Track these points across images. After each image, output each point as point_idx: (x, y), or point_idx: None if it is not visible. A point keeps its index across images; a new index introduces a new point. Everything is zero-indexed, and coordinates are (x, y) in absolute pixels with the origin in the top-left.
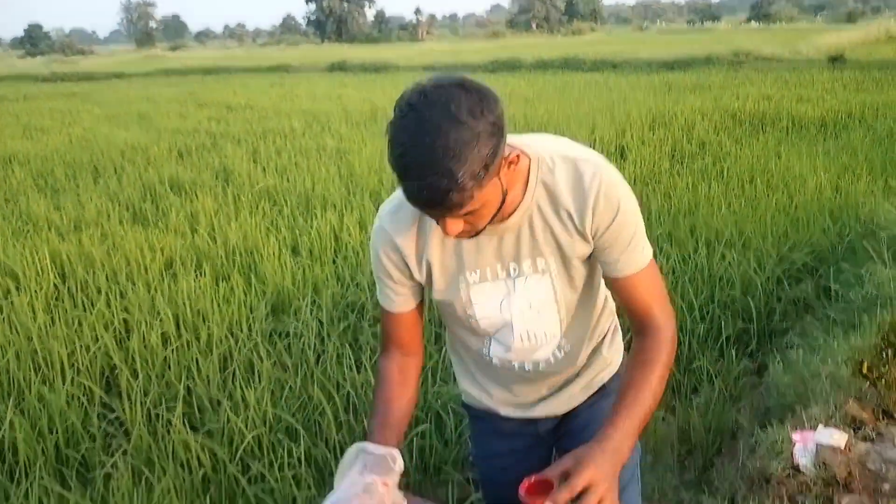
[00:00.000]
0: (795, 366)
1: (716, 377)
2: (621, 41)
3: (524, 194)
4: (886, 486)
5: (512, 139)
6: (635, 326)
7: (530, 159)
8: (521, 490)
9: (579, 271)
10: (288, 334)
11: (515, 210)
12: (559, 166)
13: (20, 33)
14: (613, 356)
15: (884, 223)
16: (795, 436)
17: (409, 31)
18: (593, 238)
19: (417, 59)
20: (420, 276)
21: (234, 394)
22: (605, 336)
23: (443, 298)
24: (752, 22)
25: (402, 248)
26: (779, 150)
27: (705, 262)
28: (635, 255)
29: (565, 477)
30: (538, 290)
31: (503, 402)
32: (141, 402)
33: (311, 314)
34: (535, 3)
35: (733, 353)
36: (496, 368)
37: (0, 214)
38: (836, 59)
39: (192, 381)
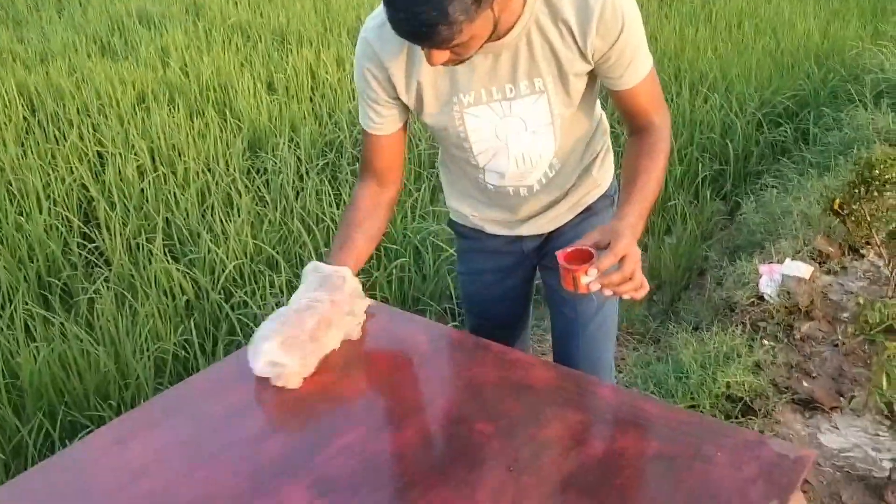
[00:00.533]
0: (768, 205)
1: (689, 218)
2: None
3: (523, 8)
4: (845, 315)
5: None
6: (634, 129)
7: None
8: (561, 258)
9: (576, 88)
10: (266, 171)
11: (513, 27)
12: None
13: None
14: (603, 177)
15: (869, 66)
16: (763, 268)
17: None
18: (594, 57)
19: None
20: (407, 99)
21: (213, 226)
22: (596, 156)
23: (434, 123)
24: None
25: (388, 68)
26: None
27: (687, 105)
28: (638, 66)
29: (597, 248)
30: (534, 112)
31: (491, 221)
32: (120, 233)
33: (289, 151)
34: None
35: (708, 193)
36: (489, 192)
37: None
38: None
39: (171, 213)
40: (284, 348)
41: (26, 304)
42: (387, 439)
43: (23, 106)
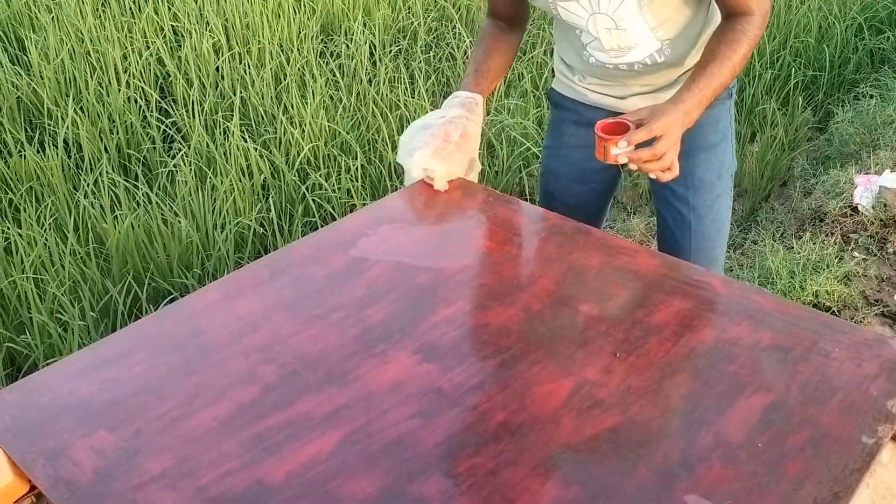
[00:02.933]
0: (864, 115)
1: (777, 125)
2: None
3: None
4: None
5: None
6: (727, 15)
7: None
8: (597, 128)
9: None
10: (339, 55)
11: None
12: None
13: None
14: None
15: None
16: (859, 178)
17: None
18: None
19: None
20: None
21: (288, 108)
22: None
23: (533, 2)
24: None
25: None
26: None
27: (783, 6)
28: None
29: (639, 125)
30: (622, 10)
31: (595, 91)
32: (197, 110)
33: (362, 36)
34: None
35: (799, 100)
36: (593, 67)
37: None
38: None
39: (246, 92)
40: (436, 156)
41: (109, 174)
42: (490, 314)
43: None
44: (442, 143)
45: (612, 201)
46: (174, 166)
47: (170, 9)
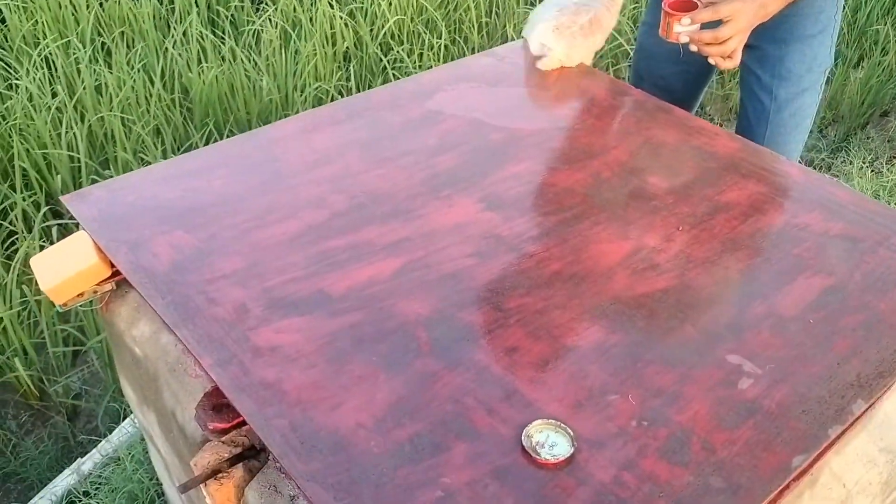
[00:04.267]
0: None
1: (889, 49)
2: None
3: None
4: None
5: None
6: None
7: None
8: (665, 3)
9: None
10: None
11: None
12: None
13: None
14: None
15: None
16: None
17: None
18: None
19: None
20: None
21: None
22: None
23: None
24: None
25: None
26: None
27: None
28: None
29: (708, 6)
30: None
31: None
32: None
33: None
34: None
35: None
36: None
37: None
38: None
39: None
40: (556, 34)
41: (197, 27)
42: (559, 175)
43: None
44: (567, 20)
45: (705, 90)
46: (260, 26)
47: None
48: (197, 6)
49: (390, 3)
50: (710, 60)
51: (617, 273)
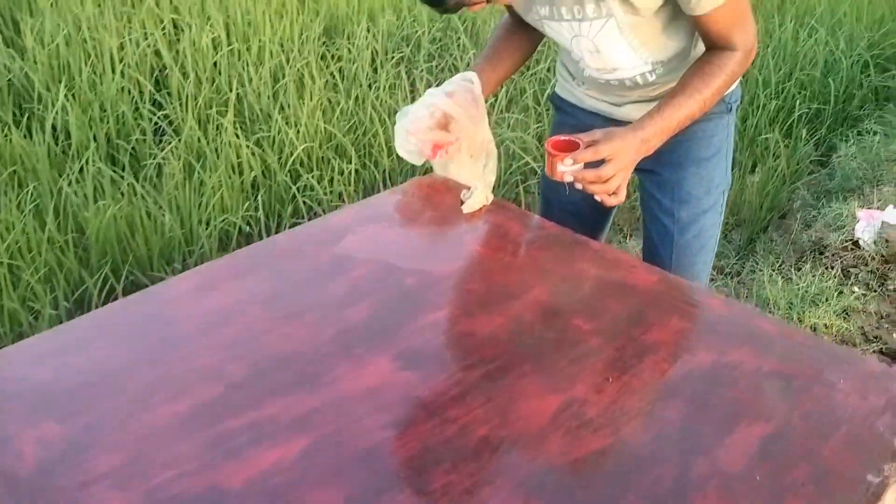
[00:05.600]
0: (868, 151)
1: (780, 155)
2: None
3: None
4: None
5: None
6: (709, 48)
7: None
8: (548, 144)
9: (646, 6)
10: (340, 58)
11: None
12: None
13: None
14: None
15: None
16: (861, 212)
17: None
18: None
19: None
20: None
21: (285, 108)
22: None
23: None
24: None
25: None
26: None
27: (790, 38)
28: None
29: (590, 146)
30: (603, 36)
31: (592, 94)
32: (191, 104)
33: (365, 41)
34: None
35: (803, 132)
36: (588, 77)
37: None
38: None
39: (243, 89)
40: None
41: (95, 163)
42: (478, 322)
43: None
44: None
45: (612, 216)
46: (162, 159)
47: (171, 1)
48: (95, 141)
49: (297, 132)
50: (596, 197)
51: (549, 435)
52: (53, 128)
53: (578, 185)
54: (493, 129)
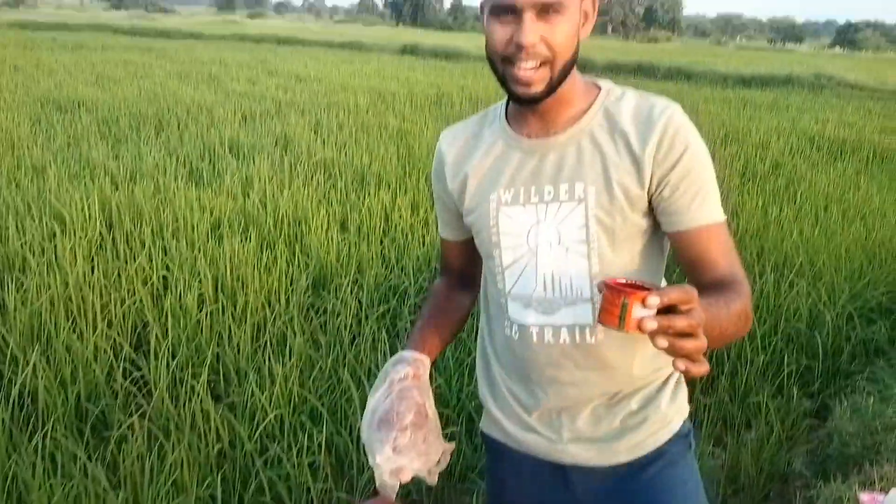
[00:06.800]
0: (863, 414)
1: (774, 414)
2: (698, 52)
3: (583, 115)
4: None
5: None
6: (707, 284)
7: (601, 88)
8: (609, 282)
9: (621, 209)
10: (326, 311)
11: (569, 128)
12: (628, 96)
13: None
14: (674, 416)
15: None
16: (864, 496)
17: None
18: (652, 177)
19: None
20: (453, 187)
21: (262, 367)
22: (666, 381)
23: (472, 222)
24: (837, 48)
25: (444, 155)
26: (858, 180)
27: (772, 289)
28: (708, 205)
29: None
30: (569, 222)
31: (523, 419)
32: (167, 364)
33: (351, 293)
34: (614, 6)
35: (794, 390)
36: (515, 349)
37: (60, 157)
38: None
39: (223, 348)
40: (397, 453)
41: (54, 436)
42: None
43: (101, 222)
44: (397, 434)
45: None
46: (128, 427)
47: (164, 257)
48: (65, 404)
49: (271, 396)
50: (679, 365)
51: None
52: (20, 393)
53: (663, 342)
54: (474, 387)
